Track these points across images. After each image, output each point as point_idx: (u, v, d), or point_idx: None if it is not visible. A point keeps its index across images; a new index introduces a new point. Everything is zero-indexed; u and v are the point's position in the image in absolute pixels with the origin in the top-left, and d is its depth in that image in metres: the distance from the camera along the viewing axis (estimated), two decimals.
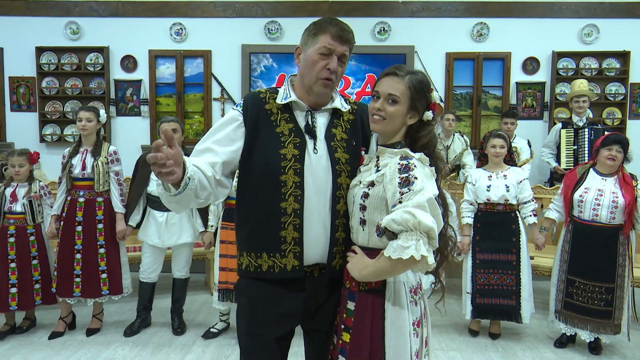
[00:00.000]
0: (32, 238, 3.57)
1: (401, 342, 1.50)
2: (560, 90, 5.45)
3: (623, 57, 5.39)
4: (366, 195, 1.52)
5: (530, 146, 5.01)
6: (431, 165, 1.51)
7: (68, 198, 3.52)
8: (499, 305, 3.50)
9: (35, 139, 5.48)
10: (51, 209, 3.59)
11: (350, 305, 1.57)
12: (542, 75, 5.48)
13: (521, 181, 3.52)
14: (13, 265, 3.49)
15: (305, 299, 1.62)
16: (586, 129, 4.75)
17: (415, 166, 1.45)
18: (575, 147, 4.81)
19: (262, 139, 1.59)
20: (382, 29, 5.46)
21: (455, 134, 5.07)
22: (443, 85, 5.50)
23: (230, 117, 1.62)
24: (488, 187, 3.51)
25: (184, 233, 3.62)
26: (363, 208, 1.53)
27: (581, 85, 4.79)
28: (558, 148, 4.90)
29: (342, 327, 1.58)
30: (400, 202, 1.40)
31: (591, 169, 3.40)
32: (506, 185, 3.48)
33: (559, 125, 4.94)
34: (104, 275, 3.55)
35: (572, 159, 4.80)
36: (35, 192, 3.58)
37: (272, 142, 1.58)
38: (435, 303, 1.66)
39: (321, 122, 1.66)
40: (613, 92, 5.43)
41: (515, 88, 5.49)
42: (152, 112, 5.53)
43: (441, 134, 5.05)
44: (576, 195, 3.33)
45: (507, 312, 3.49)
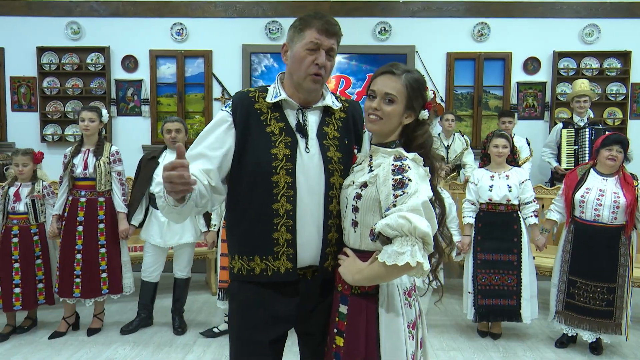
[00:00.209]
0: (36, 238, 3.58)
1: (397, 346, 1.47)
2: (561, 90, 5.44)
3: (624, 57, 5.39)
4: (359, 196, 1.48)
5: (529, 144, 5.02)
6: (426, 165, 1.48)
7: (69, 198, 3.52)
8: (500, 305, 3.49)
9: (36, 139, 5.48)
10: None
11: (342, 308, 1.54)
12: (543, 75, 5.48)
13: (523, 182, 3.51)
14: (17, 265, 3.50)
15: (298, 302, 1.59)
16: (587, 129, 4.75)
17: (409, 167, 1.41)
18: (576, 147, 4.81)
19: (253, 140, 1.55)
20: (383, 29, 5.46)
21: (455, 134, 5.07)
22: (444, 85, 5.49)
23: (219, 119, 1.58)
24: (490, 187, 3.51)
25: (186, 233, 3.63)
26: (355, 209, 1.49)
27: (582, 85, 4.79)
28: (559, 148, 4.90)
29: (335, 331, 1.55)
30: (394, 206, 1.36)
31: (592, 169, 3.39)
32: (508, 185, 3.48)
33: (560, 125, 4.94)
34: (104, 274, 3.55)
35: (573, 159, 4.80)
36: (38, 192, 3.58)
37: (263, 142, 1.54)
38: (434, 302, 1.66)
39: (312, 121, 1.62)
40: (614, 92, 5.42)
41: (516, 88, 5.49)
42: (153, 112, 5.53)
43: (442, 134, 5.06)
44: (577, 195, 3.32)
45: (508, 312, 3.49)
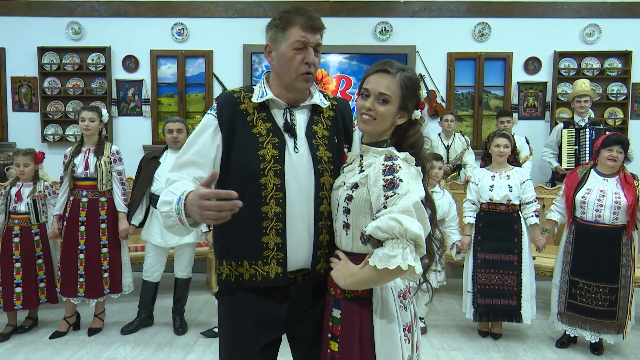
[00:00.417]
0: (37, 238, 3.58)
1: (393, 351, 1.44)
2: (562, 90, 5.44)
3: (625, 57, 5.39)
4: (350, 197, 1.44)
5: (528, 143, 5.02)
6: (417, 164, 1.44)
7: (71, 198, 3.52)
8: (500, 305, 3.49)
9: (37, 139, 5.48)
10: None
11: (336, 313, 1.50)
12: (544, 75, 5.48)
13: (524, 181, 3.51)
14: (18, 265, 3.50)
15: (289, 307, 1.55)
16: (587, 129, 4.75)
17: (400, 167, 1.38)
18: (576, 147, 4.80)
19: (239, 141, 1.50)
20: (384, 29, 5.46)
21: (455, 134, 5.07)
22: (444, 85, 5.49)
23: (205, 123, 1.54)
24: (491, 187, 3.51)
25: None
26: (347, 211, 1.45)
27: (583, 85, 4.79)
28: (560, 148, 4.90)
29: (330, 336, 1.51)
30: (385, 207, 1.32)
31: (592, 170, 3.39)
32: (509, 185, 3.48)
33: (561, 125, 4.94)
34: (106, 274, 3.56)
35: (574, 159, 4.79)
36: (39, 192, 3.58)
37: (250, 144, 1.49)
38: (425, 303, 1.62)
39: (301, 120, 1.57)
40: (615, 92, 5.42)
41: (516, 88, 5.49)
42: (154, 112, 5.54)
43: (442, 134, 5.06)
44: (578, 196, 3.32)
45: (508, 313, 3.49)
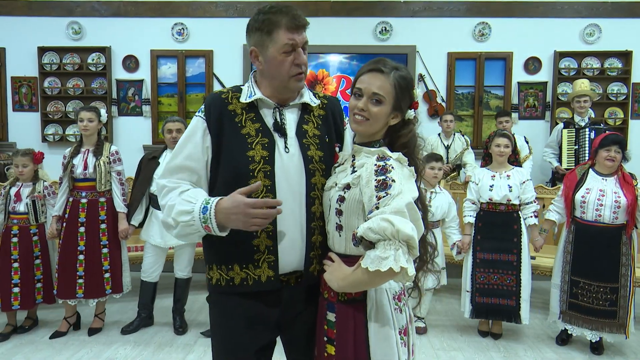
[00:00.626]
0: (35, 238, 3.58)
1: (388, 354, 1.41)
2: (562, 90, 5.44)
3: (625, 57, 5.39)
4: (342, 199, 1.41)
5: (527, 143, 5.02)
6: (410, 165, 1.41)
7: (70, 199, 3.52)
8: (499, 305, 3.49)
9: (37, 139, 5.49)
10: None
11: (330, 316, 1.47)
12: (544, 75, 5.48)
13: (524, 182, 3.51)
14: (16, 265, 3.50)
15: (282, 310, 1.52)
16: (587, 129, 4.75)
17: (392, 167, 1.35)
18: (576, 147, 4.80)
19: (228, 143, 1.48)
20: (384, 29, 5.46)
21: (455, 134, 5.07)
22: (445, 85, 5.49)
23: (194, 126, 1.51)
24: (491, 187, 3.51)
25: None
26: (339, 213, 1.42)
27: (582, 85, 4.79)
28: (560, 148, 4.90)
29: (325, 340, 1.48)
30: (377, 208, 1.29)
31: (590, 170, 3.40)
32: (509, 185, 3.48)
33: (561, 125, 4.94)
34: (107, 274, 3.55)
35: (574, 159, 4.79)
36: (39, 192, 3.58)
37: (239, 145, 1.47)
38: (412, 308, 1.58)
39: (291, 119, 1.54)
40: (615, 92, 5.42)
41: (517, 88, 5.49)
42: (154, 112, 5.54)
43: (442, 134, 5.06)
44: (578, 196, 3.32)
45: (507, 312, 3.49)
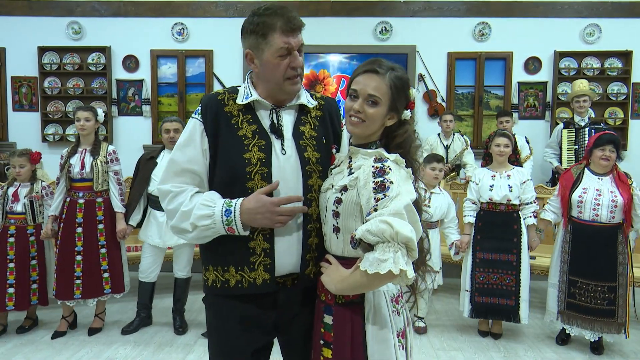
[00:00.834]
0: (32, 238, 3.56)
1: (387, 357, 1.40)
2: (562, 90, 5.44)
3: (625, 57, 5.39)
4: (339, 200, 1.40)
5: (528, 143, 5.02)
6: (407, 166, 1.41)
7: (67, 199, 3.50)
8: (498, 305, 3.49)
9: (37, 139, 5.49)
10: None
11: (327, 319, 1.45)
12: (544, 74, 5.48)
13: (525, 182, 3.51)
14: (12, 265, 3.49)
15: (278, 313, 1.52)
16: (587, 129, 4.75)
17: (390, 169, 1.34)
18: (576, 147, 4.80)
19: (225, 145, 1.48)
20: (384, 29, 5.46)
21: (455, 134, 5.07)
22: (445, 85, 5.49)
23: (192, 128, 1.51)
24: (491, 187, 3.50)
25: None
26: (336, 215, 1.41)
27: (581, 85, 4.79)
28: (560, 148, 4.90)
29: (322, 343, 1.46)
30: (375, 210, 1.28)
31: (586, 169, 3.41)
32: (509, 185, 3.48)
33: (561, 125, 4.95)
34: (106, 274, 3.55)
35: (574, 159, 4.79)
36: (37, 192, 3.57)
37: (235, 147, 1.46)
38: (410, 309, 1.57)
39: (287, 120, 1.54)
40: (615, 92, 5.42)
41: (517, 88, 5.49)
42: (154, 112, 5.54)
43: (441, 134, 5.06)
44: (575, 195, 3.33)
45: (506, 312, 3.49)
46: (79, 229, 3.47)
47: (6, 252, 3.49)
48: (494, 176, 3.55)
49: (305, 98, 1.58)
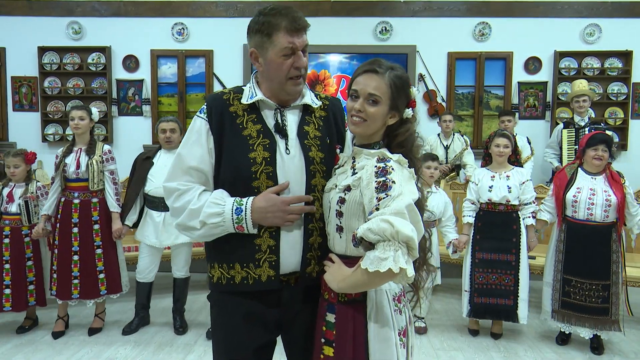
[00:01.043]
0: (27, 239, 3.53)
1: (388, 356, 1.42)
2: (562, 90, 5.44)
3: (625, 57, 5.39)
4: (342, 200, 1.42)
5: (529, 143, 5.02)
6: (410, 166, 1.42)
7: (62, 199, 3.48)
8: (497, 305, 3.49)
9: (37, 139, 5.49)
10: None
11: (330, 317, 1.47)
12: (544, 74, 5.48)
13: (524, 182, 3.51)
14: (7, 266, 3.47)
15: (282, 310, 1.54)
16: (587, 129, 4.75)
17: (393, 169, 1.36)
18: (576, 147, 4.80)
19: (230, 144, 1.49)
20: (384, 29, 5.46)
21: (455, 134, 5.07)
22: (445, 85, 5.50)
23: (198, 127, 1.53)
24: (490, 187, 3.50)
25: None
26: (340, 214, 1.43)
27: (581, 85, 4.79)
28: (561, 148, 4.90)
29: (323, 341, 1.48)
30: (377, 209, 1.30)
31: (579, 169, 3.42)
32: (508, 186, 3.48)
33: (561, 125, 4.95)
34: (102, 275, 3.53)
35: (574, 159, 4.79)
36: (32, 193, 3.55)
37: (240, 147, 1.48)
38: (412, 308, 1.58)
39: (292, 120, 1.55)
40: (615, 92, 5.42)
41: (517, 88, 5.49)
42: (154, 112, 5.54)
43: (441, 134, 5.06)
44: (569, 195, 3.34)
45: (505, 312, 3.49)
46: (75, 229, 3.45)
47: (1, 254, 3.47)
48: (494, 177, 3.55)
49: (309, 98, 1.59)
